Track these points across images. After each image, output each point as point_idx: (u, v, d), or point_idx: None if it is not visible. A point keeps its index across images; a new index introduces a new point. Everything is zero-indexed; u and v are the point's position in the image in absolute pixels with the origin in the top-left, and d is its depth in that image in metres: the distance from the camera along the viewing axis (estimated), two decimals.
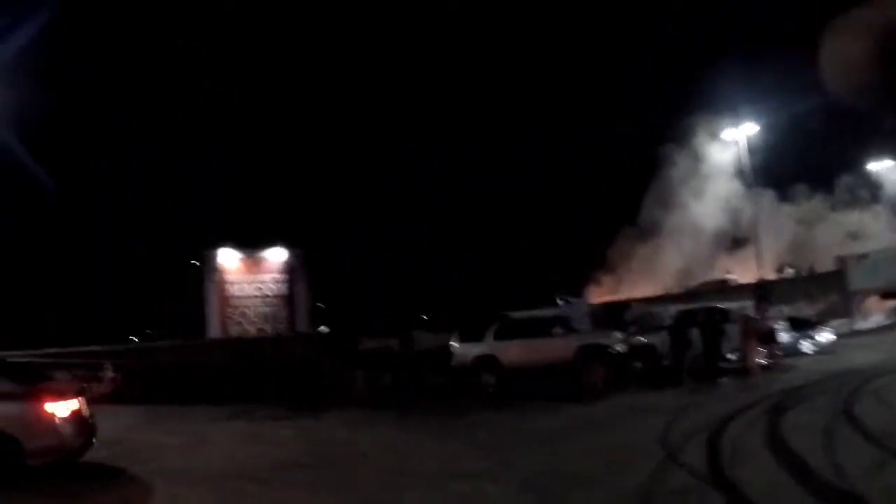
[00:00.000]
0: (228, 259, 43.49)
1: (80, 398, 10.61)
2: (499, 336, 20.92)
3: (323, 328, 34.64)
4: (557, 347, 20.10)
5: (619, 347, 20.41)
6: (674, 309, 24.74)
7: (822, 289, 36.27)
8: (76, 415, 10.21)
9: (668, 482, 8.84)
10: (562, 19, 52.03)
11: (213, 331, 41.55)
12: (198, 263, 44.10)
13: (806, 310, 32.50)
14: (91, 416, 10.93)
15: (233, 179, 52.06)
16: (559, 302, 33.50)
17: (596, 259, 44.28)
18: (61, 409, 9.89)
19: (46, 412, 9.72)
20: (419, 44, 51.15)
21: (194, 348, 28.79)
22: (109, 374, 22.22)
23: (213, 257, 43.16)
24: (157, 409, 18.99)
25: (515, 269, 47.36)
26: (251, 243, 43.76)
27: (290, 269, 44.01)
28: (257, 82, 54.19)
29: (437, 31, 51.43)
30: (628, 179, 44.35)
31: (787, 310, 30.03)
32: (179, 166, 53.10)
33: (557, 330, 20.99)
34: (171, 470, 11.17)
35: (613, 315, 28.56)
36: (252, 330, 41.77)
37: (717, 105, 40.24)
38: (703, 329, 20.87)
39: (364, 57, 53.95)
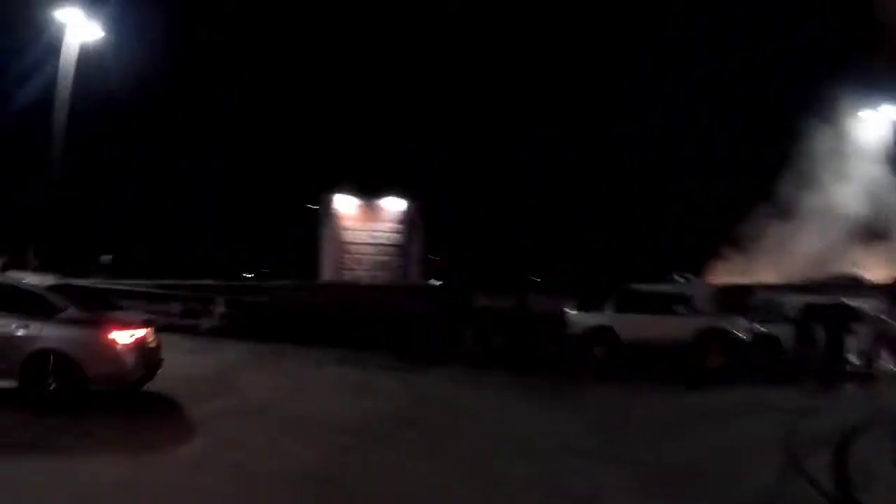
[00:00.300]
0: (345, 204, 42.78)
1: (145, 329, 10.99)
2: (618, 308, 20.10)
3: (434, 281, 34.22)
4: (678, 327, 19.29)
5: (743, 334, 19.47)
6: (799, 300, 23.09)
7: None
8: (139, 345, 10.58)
9: (790, 494, 8.30)
10: None
11: (326, 275, 41.03)
12: (314, 207, 43.93)
13: None
14: (158, 347, 11.40)
15: (352, 123, 51.67)
16: (677, 279, 32.46)
17: (722, 235, 42.13)
18: (125, 337, 10.30)
19: (109, 340, 10.14)
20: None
21: (309, 289, 29.04)
22: (221, 308, 22.61)
23: (331, 201, 42.55)
24: (266, 347, 19.30)
25: (637, 239, 45.81)
26: (369, 190, 42.86)
27: (407, 220, 43.15)
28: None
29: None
30: (766, 153, 41.64)
31: None
32: (297, 108, 53.48)
33: (680, 308, 20.15)
34: (249, 412, 11.22)
35: (736, 299, 27.38)
36: (365, 277, 41.04)
37: (870, 79, 37.36)
38: (832, 327, 19.64)
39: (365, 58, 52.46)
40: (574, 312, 20.55)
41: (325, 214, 42.57)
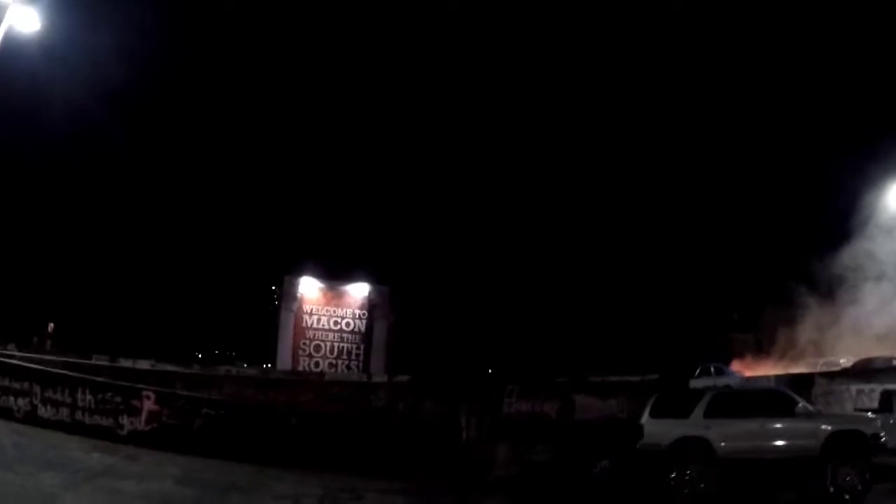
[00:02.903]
0: (309, 288, 41.36)
1: None
2: (712, 412, 14.75)
3: (402, 377, 28.91)
4: (799, 432, 13.95)
5: (883, 437, 14.12)
6: (855, 388, 19.65)
7: None
8: None
9: None
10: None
11: (283, 361, 39.26)
12: (275, 289, 43.65)
13: None
14: None
15: (322, 206, 49.89)
16: (712, 370, 27.65)
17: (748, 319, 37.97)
18: None
19: None
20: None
21: (274, 383, 23.33)
22: (150, 404, 16.44)
23: (295, 284, 40.94)
24: (214, 469, 14.04)
25: (644, 327, 41.53)
26: (335, 274, 41.70)
27: (372, 306, 41.55)
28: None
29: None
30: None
31: None
32: (267, 189, 51.71)
33: (802, 408, 14.65)
34: None
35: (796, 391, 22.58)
36: (324, 365, 39.49)
37: None
38: None
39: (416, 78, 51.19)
40: (652, 420, 14.96)
41: (287, 298, 41.10)
